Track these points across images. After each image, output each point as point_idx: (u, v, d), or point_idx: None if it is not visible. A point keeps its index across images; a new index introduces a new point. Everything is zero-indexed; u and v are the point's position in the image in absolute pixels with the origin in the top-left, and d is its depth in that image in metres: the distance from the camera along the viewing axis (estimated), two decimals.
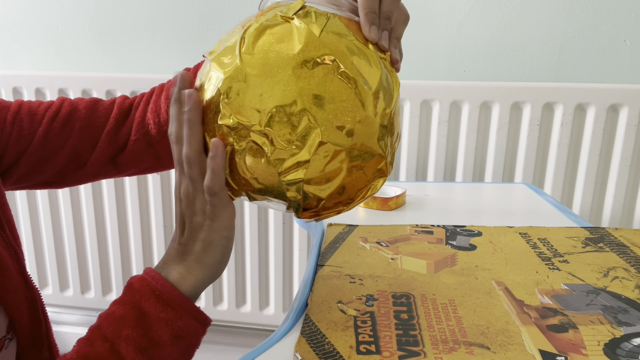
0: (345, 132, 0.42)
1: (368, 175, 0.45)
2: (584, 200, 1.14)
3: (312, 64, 0.42)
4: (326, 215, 0.47)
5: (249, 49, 0.43)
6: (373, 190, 0.46)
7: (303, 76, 0.41)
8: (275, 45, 0.42)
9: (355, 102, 0.42)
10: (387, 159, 0.45)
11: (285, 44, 0.42)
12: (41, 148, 0.58)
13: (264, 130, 0.41)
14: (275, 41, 0.43)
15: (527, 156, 1.14)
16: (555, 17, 1.11)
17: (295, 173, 0.42)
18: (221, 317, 1.37)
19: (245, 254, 1.32)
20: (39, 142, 0.58)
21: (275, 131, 0.41)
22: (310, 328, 0.48)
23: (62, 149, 0.59)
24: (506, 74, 1.16)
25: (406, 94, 1.14)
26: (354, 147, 0.43)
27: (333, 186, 0.44)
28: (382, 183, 0.46)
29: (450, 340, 0.45)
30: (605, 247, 0.66)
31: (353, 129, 0.42)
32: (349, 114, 0.42)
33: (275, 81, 0.41)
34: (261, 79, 0.42)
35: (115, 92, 1.26)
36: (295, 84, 0.41)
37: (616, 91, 1.08)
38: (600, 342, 0.45)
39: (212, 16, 1.24)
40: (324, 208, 0.46)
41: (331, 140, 0.42)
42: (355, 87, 0.42)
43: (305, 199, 0.44)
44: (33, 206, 1.40)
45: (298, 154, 0.42)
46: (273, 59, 0.42)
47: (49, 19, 1.31)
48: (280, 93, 0.41)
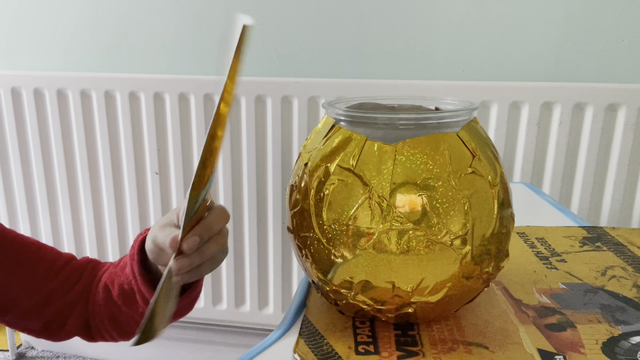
0: None
1: None
2: (582, 200, 1.14)
3: None
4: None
5: None
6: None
7: None
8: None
9: None
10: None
11: None
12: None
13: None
14: None
15: (525, 155, 1.14)
16: (554, 16, 1.11)
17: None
18: (220, 316, 1.37)
19: (245, 254, 1.32)
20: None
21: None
22: (309, 329, 0.48)
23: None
24: (504, 73, 1.16)
25: (405, 94, 1.14)
26: None
27: None
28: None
29: (449, 340, 0.45)
30: (603, 247, 0.66)
31: None
32: None
33: None
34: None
35: (114, 93, 1.26)
36: None
37: (614, 91, 1.08)
38: (599, 340, 0.45)
39: (212, 16, 1.24)
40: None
41: None
42: None
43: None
44: (32, 206, 1.40)
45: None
46: None
47: (48, 19, 1.31)
48: None
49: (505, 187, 0.46)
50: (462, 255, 0.42)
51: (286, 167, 1.24)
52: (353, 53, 1.20)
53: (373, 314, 0.46)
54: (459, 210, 0.42)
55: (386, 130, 0.44)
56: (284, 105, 1.20)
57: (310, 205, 0.44)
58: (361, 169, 0.43)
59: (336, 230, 0.43)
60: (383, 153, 0.42)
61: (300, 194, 0.46)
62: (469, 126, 0.45)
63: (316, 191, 0.44)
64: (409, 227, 0.41)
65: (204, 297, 1.36)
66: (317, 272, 0.46)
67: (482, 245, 0.43)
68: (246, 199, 1.28)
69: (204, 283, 0.60)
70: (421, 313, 0.45)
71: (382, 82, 1.17)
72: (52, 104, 1.30)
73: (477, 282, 0.45)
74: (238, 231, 1.31)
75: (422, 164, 0.42)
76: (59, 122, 1.31)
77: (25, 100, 1.31)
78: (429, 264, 0.42)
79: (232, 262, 1.32)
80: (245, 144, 1.24)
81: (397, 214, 0.41)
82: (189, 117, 1.25)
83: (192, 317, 1.39)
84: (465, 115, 0.45)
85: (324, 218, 0.43)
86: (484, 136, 0.47)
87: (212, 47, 1.26)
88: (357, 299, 0.44)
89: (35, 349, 1.58)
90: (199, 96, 1.22)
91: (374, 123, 0.44)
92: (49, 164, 1.36)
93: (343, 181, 0.43)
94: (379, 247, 0.42)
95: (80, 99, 1.28)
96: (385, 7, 1.16)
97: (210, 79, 1.23)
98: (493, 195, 0.44)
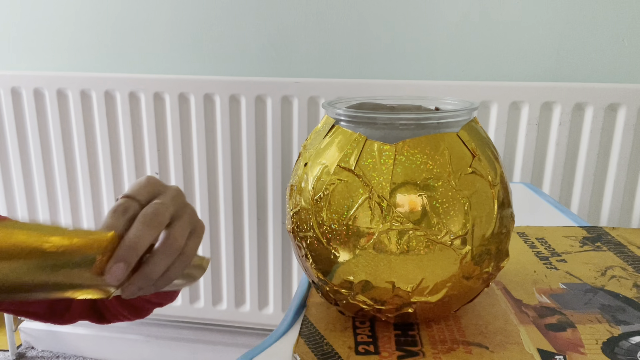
0: None
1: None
2: (582, 200, 1.14)
3: None
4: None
5: None
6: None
7: None
8: None
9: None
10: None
11: None
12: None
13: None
14: None
15: (525, 155, 1.14)
16: (554, 16, 1.11)
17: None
18: (220, 316, 1.37)
19: (245, 254, 1.32)
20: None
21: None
22: (309, 329, 0.48)
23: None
24: (504, 73, 1.16)
25: (405, 94, 1.14)
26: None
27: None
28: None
29: (449, 340, 0.45)
30: (603, 246, 0.66)
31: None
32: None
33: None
34: None
35: (114, 93, 1.26)
36: None
37: (614, 90, 1.08)
38: (599, 340, 0.45)
39: (211, 16, 1.24)
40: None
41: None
42: None
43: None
44: (32, 205, 1.40)
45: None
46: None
47: (48, 19, 1.31)
48: None
49: (505, 187, 0.46)
50: (462, 255, 0.42)
51: (286, 167, 1.24)
52: (353, 53, 1.20)
53: (373, 314, 0.46)
54: (459, 210, 0.42)
55: (386, 130, 0.44)
56: (284, 105, 1.20)
57: (310, 205, 0.44)
58: (361, 169, 0.43)
59: (336, 230, 0.43)
60: (383, 153, 0.43)
61: (300, 194, 0.46)
62: (469, 126, 0.45)
63: (316, 191, 0.44)
64: (409, 227, 0.41)
65: (204, 297, 1.36)
66: (317, 272, 0.46)
67: (482, 245, 0.43)
68: (246, 199, 1.28)
69: (203, 283, 0.59)
70: (421, 313, 0.45)
71: (382, 82, 1.18)
72: (52, 104, 1.30)
73: (477, 282, 0.45)
74: (238, 231, 1.31)
75: (422, 164, 0.42)
76: (59, 122, 1.31)
77: (25, 100, 1.31)
78: (429, 264, 0.42)
79: (232, 262, 1.32)
80: (245, 144, 1.24)
81: (397, 214, 0.41)
82: (188, 117, 1.25)
83: (192, 317, 1.39)
84: (465, 115, 0.45)
85: (324, 218, 0.43)
86: (484, 136, 0.47)
87: (212, 47, 1.26)
88: (357, 299, 0.44)
89: (35, 349, 1.58)
90: (199, 96, 1.22)
91: (374, 123, 0.44)
92: (49, 164, 1.36)
93: (343, 181, 0.43)
94: (379, 247, 0.42)
95: (80, 99, 1.28)
96: (385, 7, 1.16)
97: (210, 79, 1.23)
98: (493, 195, 0.44)
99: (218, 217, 1.31)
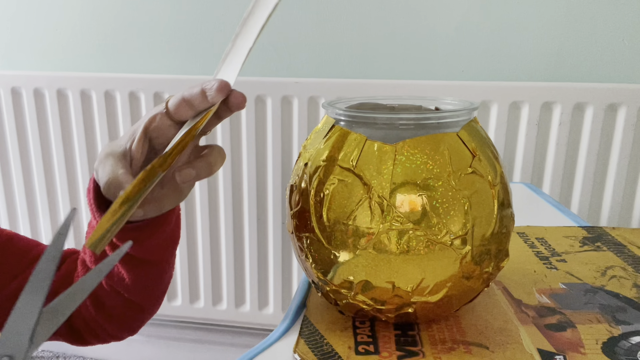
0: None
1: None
2: (582, 200, 1.14)
3: None
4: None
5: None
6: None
7: None
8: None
9: None
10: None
11: None
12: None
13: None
14: None
15: (526, 156, 1.14)
16: (554, 16, 1.11)
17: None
18: (220, 317, 1.37)
19: (245, 254, 1.32)
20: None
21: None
22: (309, 329, 0.48)
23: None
24: (504, 73, 1.16)
25: (405, 94, 1.14)
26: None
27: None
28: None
29: (449, 340, 0.45)
30: (603, 246, 0.66)
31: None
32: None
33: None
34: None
35: (114, 93, 1.26)
36: None
37: (614, 90, 1.08)
38: (599, 340, 0.45)
39: (211, 16, 1.24)
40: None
41: None
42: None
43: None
44: (32, 205, 1.40)
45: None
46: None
47: (48, 19, 1.31)
48: None
49: (505, 187, 0.46)
50: (462, 255, 0.42)
51: (286, 167, 1.24)
52: (353, 53, 1.20)
53: (373, 314, 0.46)
54: (459, 210, 0.42)
55: (386, 130, 0.44)
56: (284, 105, 1.20)
57: (310, 205, 0.44)
58: (361, 169, 0.43)
59: (336, 230, 0.43)
60: (383, 153, 0.43)
61: (300, 194, 0.46)
62: (469, 126, 0.45)
63: (316, 191, 0.44)
64: (409, 227, 0.41)
65: (204, 297, 1.36)
66: (317, 272, 0.46)
67: (482, 245, 0.43)
68: (246, 199, 1.28)
69: (203, 283, 0.59)
70: (421, 313, 0.45)
71: (382, 82, 1.18)
72: (52, 104, 1.30)
73: (477, 282, 0.45)
74: (238, 231, 1.31)
75: (422, 164, 0.42)
76: (59, 122, 1.31)
77: (25, 100, 1.31)
78: (429, 264, 0.42)
79: (232, 262, 1.32)
80: (245, 144, 1.24)
81: (397, 214, 0.41)
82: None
83: (192, 317, 1.39)
84: (465, 115, 0.45)
85: (324, 218, 0.43)
86: (484, 136, 0.47)
87: (212, 47, 1.26)
88: (357, 299, 0.44)
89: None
90: None
91: (374, 123, 0.44)
92: (49, 164, 1.36)
93: (343, 181, 0.43)
94: (379, 247, 0.42)
95: (80, 99, 1.28)
96: (385, 7, 1.16)
97: (210, 79, 1.22)
98: (493, 195, 0.44)
99: (218, 217, 1.31)
